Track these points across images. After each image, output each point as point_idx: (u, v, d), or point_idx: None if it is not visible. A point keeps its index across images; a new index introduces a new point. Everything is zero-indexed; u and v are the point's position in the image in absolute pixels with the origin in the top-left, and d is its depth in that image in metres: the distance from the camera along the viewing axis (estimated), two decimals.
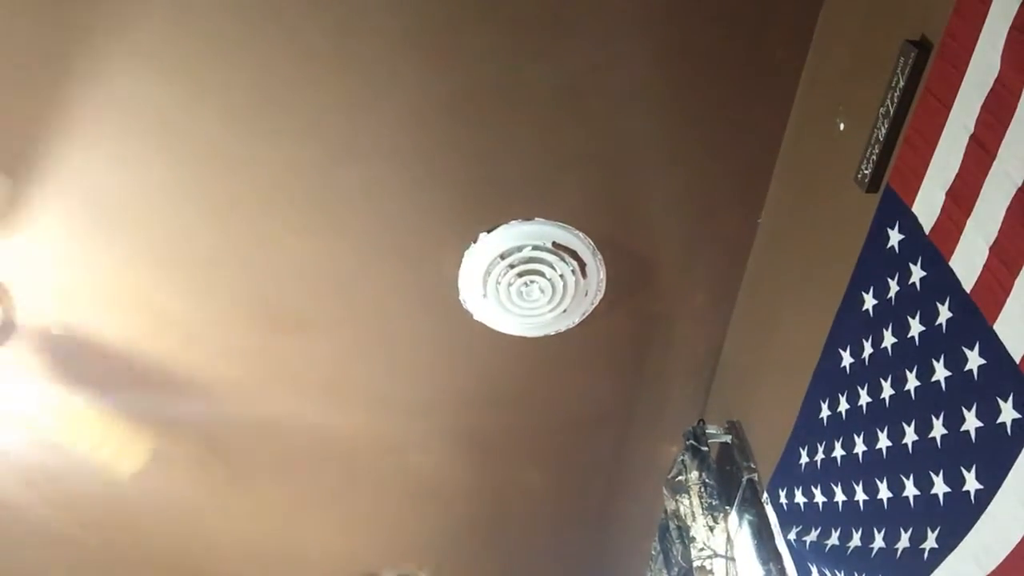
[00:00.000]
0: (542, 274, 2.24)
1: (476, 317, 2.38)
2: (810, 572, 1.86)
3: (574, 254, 2.24)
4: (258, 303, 2.30)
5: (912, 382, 1.41)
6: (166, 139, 1.94)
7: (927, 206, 1.36)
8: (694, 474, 2.49)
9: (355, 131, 1.99)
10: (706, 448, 2.49)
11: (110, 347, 2.33)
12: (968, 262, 1.24)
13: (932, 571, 1.33)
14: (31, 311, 2.21)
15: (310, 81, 1.90)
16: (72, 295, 2.20)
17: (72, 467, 2.54)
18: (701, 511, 2.45)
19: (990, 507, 1.19)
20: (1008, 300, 1.14)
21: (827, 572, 1.76)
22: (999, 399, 1.16)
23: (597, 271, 2.30)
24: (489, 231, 2.20)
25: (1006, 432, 1.15)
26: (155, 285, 2.21)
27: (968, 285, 1.24)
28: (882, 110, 1.52)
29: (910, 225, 1.41)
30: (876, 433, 1.54)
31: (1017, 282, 1.12)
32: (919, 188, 1.38)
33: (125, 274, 2.18)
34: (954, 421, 1.28)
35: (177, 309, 2.27)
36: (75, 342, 2.30)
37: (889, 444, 1.50)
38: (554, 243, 2.21)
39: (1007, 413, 1.15)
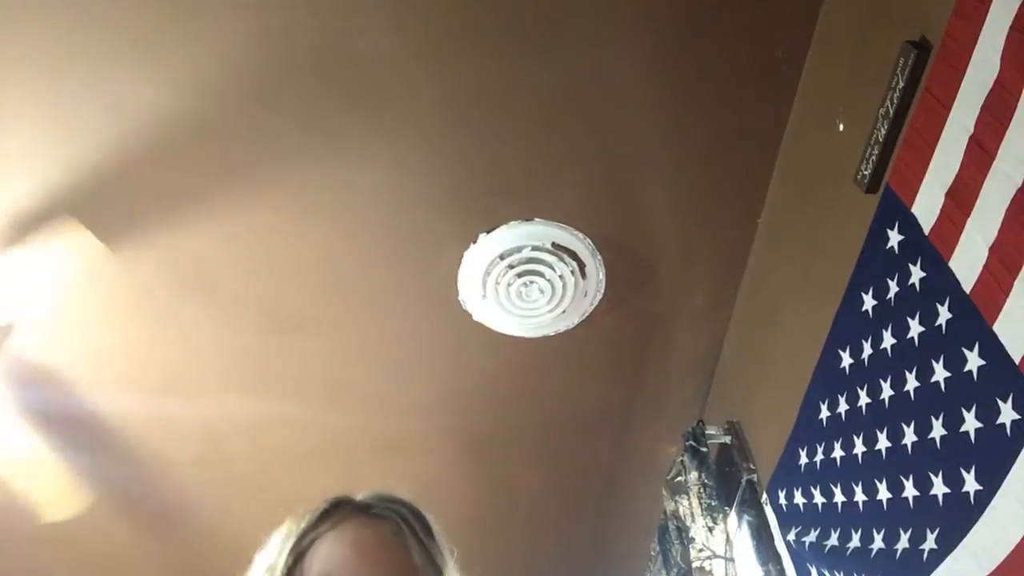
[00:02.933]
0: (541, 275, 2.24)
1: (475, 317, 2.38)
2: (809, 573, 1.86)
3: (573, 255, 2.24)
4: (256, 303, 2.30)
5: (911, 383, 1.41)
6: (163, 139, 1.94)
7: (927, 207, 1.36)
8: (693, 475, 2.49)
9: (353, 131, 1.99)
10: (705, 449, 2.49)
11: (105, 346, 2.33)
12: (968, 263, 1.24)
13: (931, 572, 1.33)
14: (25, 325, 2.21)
15: (308, 80, 1.90)
16: (70, 291, 2.20)
17: (73, 465, 2.54)
18: (700, 512, 2.45)
19: (989, 508, 1.19)
20: (1008, 301, 1.14)
21: (826, 573, 1.76)
22: (998, 400, 1.16)
23: (596, 272, 2.30)
24: (488, 231, 2.20)
25: (1005, 433, 1.15)
26: (152, 285, 2.21)
27: (968, 286, 1.24)
28: (882, 111, 1.52)
29: (910, 226, 1.41)
30: (875, 434, 1.54)
31: (1017, 283, 1.12)
32: (919, 189, 1.38)
33: (123, 273, 2.18)
34: (953, 422, 1.28)
35: (175, 310, 2.27)
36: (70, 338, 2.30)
37: (888, 445, 1.49)
38: (553, 243, 2.21)
39: (1006, 414, 1.15)
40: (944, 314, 1.30)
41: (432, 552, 0.91)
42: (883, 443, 1.51)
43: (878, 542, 1.53)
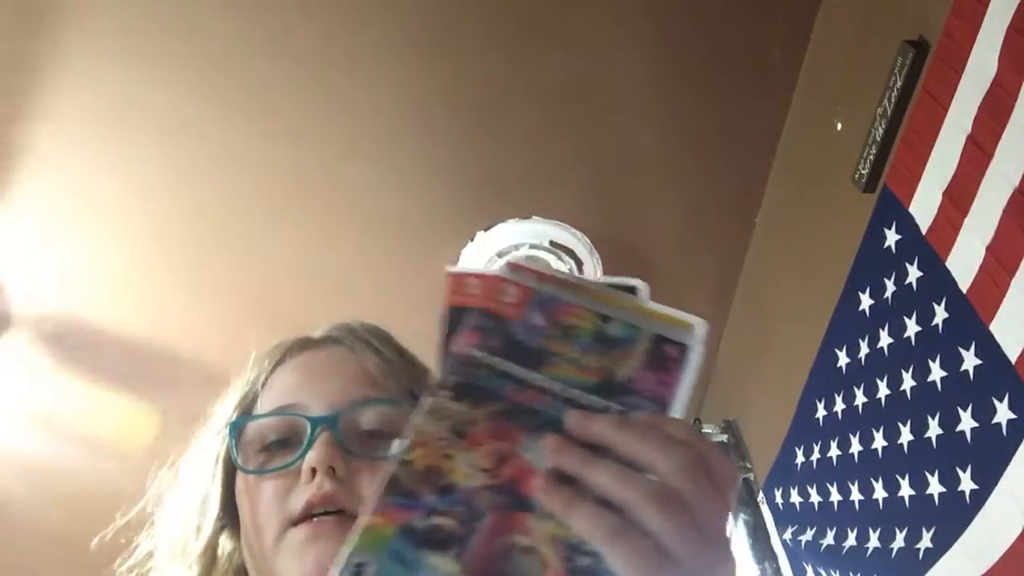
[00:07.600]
0: None
1: None
2: (805, 572, 1.86)
3: (571, 253, 2.24)
4: (255, 303, 2.30)
5: (908, 382, 1.41)
6: (163, 137, 1.94)
7: (924, 206, 1.36)
8: None
9: (352, 130, 1.99)
10: None
11: (105, 343, 2.32)
12: (964, 263, 1.24)
13: (927, 571, 1.33)
14: (26, 306, 2.21)
15: (307, 79, 1.89)
16: (69, 289, 2.20)
17: (71, 464, 2.54)
18: None
19: (985, 507, 1.19)
20: (1004, 301, 1.14)
21: (822, 572, 1.77)
22: (995, 399, 1.16)
23: (594, 270, 2.30)
24: (486, 230, 2.19)
25: (1001, 432, 1.15)
26: (152, 283, 2.21)
27: (964, 286, 1.24)
28: (879, 110, 1.52)
29: (907, 225, 1.41)
30: (872, 433, 1.54)
31: (1013, 283, 1.12)
32: (916, 188, 1.38)
33: (122, 272, 2.18)
34: (950, 421, 1.28)
35: (174, 308, 2.27)
36: (71, 336, 2.29)
37: (885, 444, 1.50)
38: (551, 242, 2.21)
39: (1002, 413, 1.15)
40: (941, 314, 1.31)
41: (392, 361, 0.80)
42: (879, 442, 1.51)
43: (874, 541, 1.53)
